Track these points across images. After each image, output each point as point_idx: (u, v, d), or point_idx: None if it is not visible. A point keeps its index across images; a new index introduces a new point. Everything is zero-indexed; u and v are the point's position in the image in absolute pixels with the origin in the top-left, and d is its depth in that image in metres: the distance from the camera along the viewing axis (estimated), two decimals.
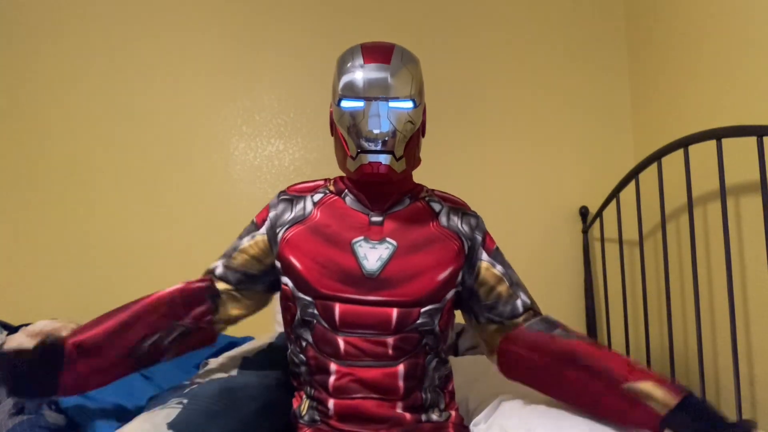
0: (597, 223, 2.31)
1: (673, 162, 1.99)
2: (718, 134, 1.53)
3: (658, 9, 2.11)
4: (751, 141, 1.60)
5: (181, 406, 1.06)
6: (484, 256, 1.18)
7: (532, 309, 1.17)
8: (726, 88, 1.75)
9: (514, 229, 2.29)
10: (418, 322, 1.10)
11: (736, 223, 1.70)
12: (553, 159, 2.32)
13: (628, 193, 2.21)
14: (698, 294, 1.68)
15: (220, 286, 1.18)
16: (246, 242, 1.19)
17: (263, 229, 1.18)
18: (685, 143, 1.66)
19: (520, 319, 1.15)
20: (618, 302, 2.27)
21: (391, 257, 1.11)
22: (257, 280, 1.19)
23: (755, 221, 1.63)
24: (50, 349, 1.02)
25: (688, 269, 1.93)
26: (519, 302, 1.16)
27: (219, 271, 1.19)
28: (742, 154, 1.65)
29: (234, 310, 1.19)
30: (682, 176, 1.94)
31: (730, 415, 1.71)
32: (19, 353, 1.01)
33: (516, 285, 1.18)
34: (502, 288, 1.17)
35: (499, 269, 1.18)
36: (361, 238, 1.12)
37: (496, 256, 1.20)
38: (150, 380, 1.53)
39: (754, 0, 1.62)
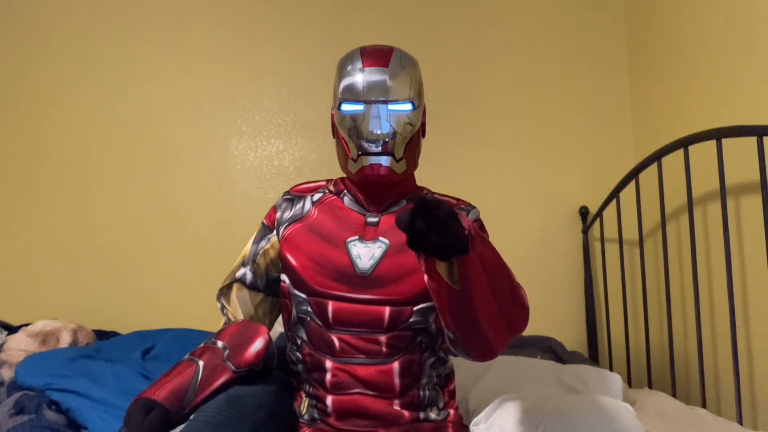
0: (597, 223, 2.31)
1: (673, 162, 1.99)
2: (718, 134, 1.53)
3: (658, 9, 2.11)
4: (751, 141, 1.60)
5: None
6: None
7: None
8: (726, 88, 1.75)
9: (515, 229, 2.29)
10: (411, 320, 1.10)
11: (736, 223, 1.70)
12: (553, 159, 2.32)
13: (628, 193, 2.21)
14: (698, 294, 1.68)
15: (253, 297, 1.20)
16: (264, 245, 1.20)
17: (275, 231, 1.20)
18: (685, 143, 1.66)
19: None
20: (618, 302, 2.27)
21: (384, 256, 1.11)
22: (279, 282, 1.21)
23: (755, 221, 1.63)
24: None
25: (688, 269, 1.93)
26: None
27: (249, 279, 1.20)
28: (742, 154, 1.65)
29: (268, 319, 1.23)
30: (682, 176, 1.94)
31: (730, 415, 1.71)
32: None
33: None
34: None
35: None
36: (356, 237, 1.13)
37: None
38: (150, 381, 1.53)
39: (753, 0, 1.62)
